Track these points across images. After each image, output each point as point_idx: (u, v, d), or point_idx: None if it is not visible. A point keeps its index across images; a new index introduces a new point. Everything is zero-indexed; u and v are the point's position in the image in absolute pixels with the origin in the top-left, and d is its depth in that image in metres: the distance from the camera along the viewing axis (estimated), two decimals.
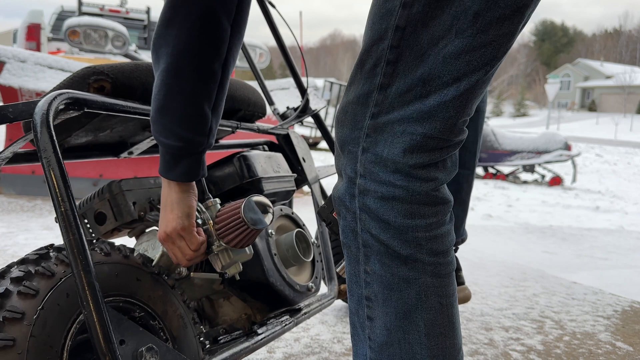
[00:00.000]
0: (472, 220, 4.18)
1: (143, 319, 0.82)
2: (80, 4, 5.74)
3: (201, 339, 0.90)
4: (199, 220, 0.90)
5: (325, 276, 1.32)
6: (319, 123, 1.56)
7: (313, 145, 10.45)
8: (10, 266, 0.72)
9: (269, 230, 1.09)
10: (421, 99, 0.64)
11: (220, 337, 1.05)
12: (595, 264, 2.85)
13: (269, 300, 1.07)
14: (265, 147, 1.41)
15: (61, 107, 0.74)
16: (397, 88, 0.65)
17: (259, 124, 1.25)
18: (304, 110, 1.41)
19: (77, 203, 1.02)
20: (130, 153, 1.09)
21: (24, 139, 0.85)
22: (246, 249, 0.92)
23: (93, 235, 1.00)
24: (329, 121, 10.71)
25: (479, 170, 7.95)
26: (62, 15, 6.01)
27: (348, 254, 0.72)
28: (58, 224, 0.67)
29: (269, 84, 4.28)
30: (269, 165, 1.20)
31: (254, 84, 1.92)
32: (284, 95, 4.06)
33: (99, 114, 0.87)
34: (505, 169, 8.15)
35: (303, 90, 1.42)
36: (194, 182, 0.85)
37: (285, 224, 1.19)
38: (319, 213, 1.08)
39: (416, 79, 0.64)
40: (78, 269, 0.65)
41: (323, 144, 11.05)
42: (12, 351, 0.64)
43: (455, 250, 1.71)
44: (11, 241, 2.47)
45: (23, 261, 0.72)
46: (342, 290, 1.41)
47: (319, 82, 11.10)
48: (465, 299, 1.64)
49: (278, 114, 1.44)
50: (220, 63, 0.78)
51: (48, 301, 0.69)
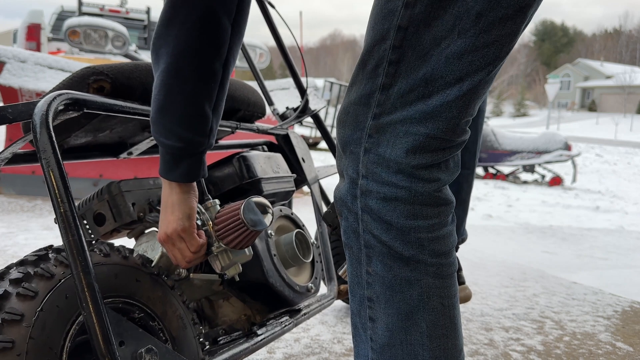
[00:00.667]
0: (472, 220, 4.17)
1: (142, 320, 0.82)
2: (80, 4, 5.74)
3: (201, 340, 0.90)
4: (199, 222, 0.89)
5: (324, 277, 1.32)
6: (319, 123, 1.56)
7: (313, 145, 10.45)
8: (9, 267, 0.72)
9: (269, 231, 1.09)
10: (424, 99, 0.64)
11: (220, 338, 1.05)
12: (595, 264, 2.85)
13: (269, 301, 1.07)
14: (265, 148, 1.41)
15: (60, 108, 0.73)
16: (400, 88, 0.65)
17: (258, 124, 1.25)
18: (304, 110, 1.41)
19: (77, 204, 1.02)
20: (130, 153, 1.09)
21: (23, 140, 0.85)
22: (246, 250, 0.92)
23: (92, 236, 1.00)
24: (329, 121, 10.70)
25: (479, 170, 7.95)
26: (62, 15, 6.01)
27: (350, 254, 0.72)
28: (57, 225, 0.67)
29: (269, 84, 4.28)
30: (268, 165, 1.20)
31: (254, 84, 1.91)
32: (284, 95, 4.06)
33: (98, 115, 0.87)
34: (505, 169, 8.15)
35: (303, 91, 1.42)
36: (194, 183, 0.85)
37: (284, 225, 1.19)
38: (324, 218, 1.08)
39: (418, 79, 0.63)
40: (77, 270, 0.65)
41: (323, 144, 11.04)
42: (11, 353, 0.64)
43: (456, 250, 1.71)
44: (11, 241, 2.47)
45: (22, 262, 0.72)
46: (342, 291, 1.41)
47: (319, 82, 11.10)
48: (466, 298, 1.64)
49: (277, 114, 1.44)
50: (220, 63, 0.78)
51: (47, 303, 0.69)
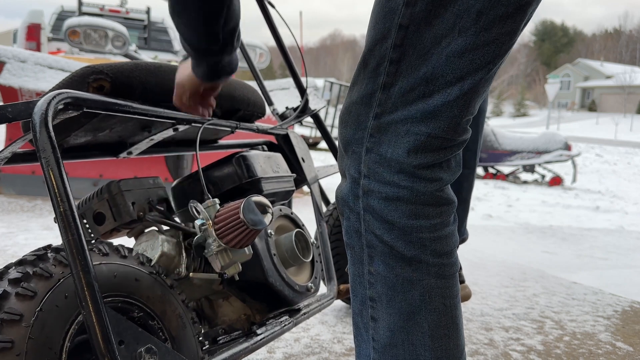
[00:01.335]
0: (472, 220, 4.17)
1: (142, 319, 0.82)
2: (80, 4, 5.74)
3: (200, 339, 0.90)
4: (198, 221, 0.90)
5: (324, 276, 1.32)
6: (319, 123, 1.56)
7: (313, 145, 10.45)
8: (8, 267, 0.72)
9: (269, 231, 1.09)
10: (425, 99, 0.64)
11: (220, 338, 1.05)
12: (595, 264, 2.85)
13: (269, 301, 1.07)
14: (265, 147, 1.41)
15: (60, 107, 0.73)
16: (401, 87, 0.65)
17: (258, 124, 1.25)
18: (304, 110, 1.41)
19: (76, 203, 1.02)
20: (130, 153, 1.09)
21: (22, 139, 0.85)
22: (245, 249, 0.92)
23: (92, 235, 1.00)
24: (329, 121, 10.70)
25: (479, 170, 7.95)
26: (62, 15, 6.01)
27: (352, 254, 0.72)
28: (57, 224, 0.67)
29: (269, 84, 4.28)
30: (268, 165, 1.20)
31: (254, 84, 1.92)
32: (284, 95, 4.06)
33: (98, 114, 0.87)
34: (505, 169, 8.15)
35: (302, 90, 1.42)
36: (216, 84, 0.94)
37: (284, 224, 1.19)
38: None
39: (419, 78, 0.63)
40: (77, 269, 0.65)
41: (323, 144, 11.05)
42: (11, 353, 0.64)
43: None
44: (11, 241, 2.47)
45: (21, 262, 0.72)
46: (342, 291, 1.41)
47: (319, 82, 11.10)
48: (466, 297, 1.64)
49: (277, 114, 1.44)
50: None
51: (46, 302, 0.69)
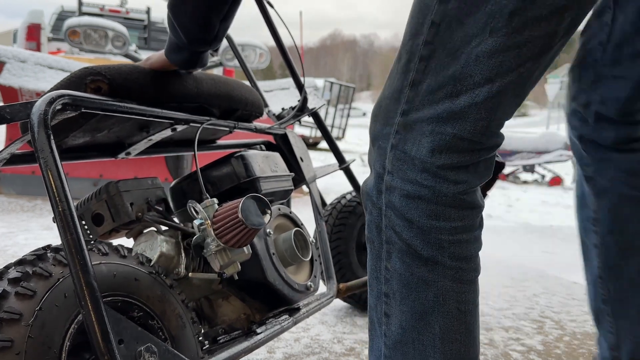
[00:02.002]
0: None
1: (142, 318, 0.82)
2: (80, 4, 5.74)
3: (200, 339, 0.90)
4: (197, 221, 0.90)
5: (324, 275, 1.32)
6: (318, 122, 1.56)
7: (313, 145, 10.46)
8: (7, 267, 0.72)
9: (267, 230, 1.09)
10: (451, 98, 0.63)
11: (220, 337, 1.05)
12: None
13: (268, 300, 1.07)
14: (263, 147, 1.41)
15: (58, 108, 0.74)
16: (429, 85, 0.64)
17: (256, 123, 1.25)
18: (302, 109, 1.41)
19: (75, 204, 1.02)
20: (128, 154, 1.09)
21: (21, 140, 0.85)
22: (244, 248, 0.92)
23: (91, 236, 1.00)
24: (329, 121, 10.70)
25: None
26: (62, 16, 6.02)
27: (371, 249, 0.72)
28: (56, 224, 0.67)
29: (269, 84, 4.28)
30: (266, 164, 1.20)
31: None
32: (284, 95, 4.06)
33: (96, 115, 0.87)
34: (505, 169, 8.16)
35: (301, 89, 1.42)
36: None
37: (283, 224, 1.19)
38: None
39: (447, 76, 0.63)
40: (76, 268, 0.65)
41: (323, 144, 11.04)
42: (10, 352, 0.64)
43: None
44: (11, 241, 2.47)
45: (20, 262, 0.72)
46: (341, 290, 1.41)
47: (319, 82, 11.10)
48: None
49: (274, 115, 1.45)
50: None
51: (46, 302, 0.69)
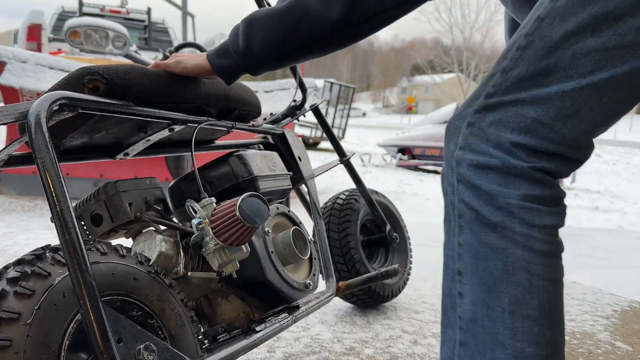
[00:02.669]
0: None
1: (141, 317, 0.83)
2: (81, 4, 5.75)
3: (200, 337, 0.91)
4: (195, 220, 0.90)
5: (323, 274, 1.33)
6: (320, 117, 1.57)
7: (313, 145, 10.46)
8: (6, 267, 0.73)
9: (266, 229, 1.09)
10: (540, 87, 0.65)
11: (220, 336, 1.05)
12: (595, 264, 2.85)
13: (267, 298, 1.08)
14: (261, 147, 1.41)
15: (55, 108, 0.74)
16: (519, 73, 0.67)
17: (254, 123, 1.25)
18: (301, 106, 1.43)
19: (74, 205, 1.02)
20: (126, 154, 1.09)
21: (19, 141, 0.86)
22: (243, 247, 0.92)
23: (90, 236, 1.00)
24: (329, 121, 10.70)
25: None
26: (63, 16, 6.02)
27: (447, 229, 0.73)
28: (54, 224, 0.68)
29: (269, 84, 4.28)
30: (264, 164, 1.21)
31: (252, 85, 1.93)
32: (284, 95, 4.06)
33: (93, 115, 0.87)
34: None
35: (303, 86, 1.44)
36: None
37: (281, 222, 1.19)
38: None
39: (540, 68, 0.65)
40: (74, 267, 0.66)
41: (323, 144, 11.05)
42: (9, 351, 0.64)
43: None
44: (12, 241, 2.48)
45: (19, 262, 0.73)
46: (340, 288, 1.41)
47: (319, 83, 11.11)
48: None
49: (270, 115, 1.47)
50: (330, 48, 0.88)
51: (45, 301, 0.69)
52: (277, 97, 4.01)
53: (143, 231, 1.03)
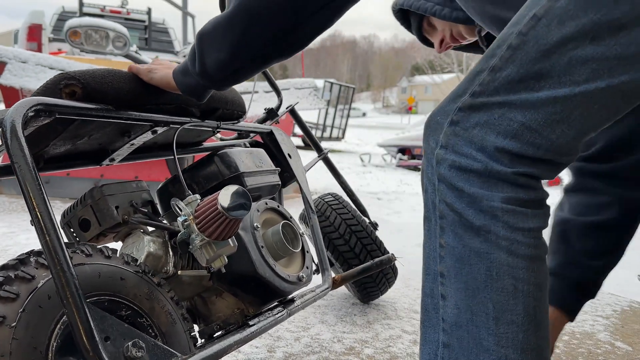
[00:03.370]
0: None
1: (130, 317, 0.83)
2: (81, 4, 5.76)
3: (192, 334, 0.91)
4: (181, 218, 0.89)
5: (318, 267, 1.32)
6: (296, 117, 1.64)
7: (309, 145, 10.44)
8: None
9: (255, 224, 1.09)
10: (530, 92, 0.62)
11: (215, 334, 1.05)
12: None
13: (260, 293, 1.07)
14: (247, 144, 1.41)
15: (31, 114, 0.74)
16: (509, 75, 0.63)
17: (243, 123, 1.24)
18: (278, 108, 1.47)
19: (64, 210, 1.02)
20: (112, 160, 1.08)
21: (1, 151, 0.85)
22: (229, 241, 0.92)
23: (78, 241, 1.00)
24: (329, 121, 10.69)
25: None
26: (63, 16, 6.03)
27: (427, 228, 0.70)
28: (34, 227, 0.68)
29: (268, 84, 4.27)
30: (250, 160, 1.21)
31: (250, 85, 1.95)
32: (284, 95, 4.05)
33: (73, 121, 0.87)
34: None
35: (277, 90, 1.50)
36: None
37: (271, 217, 1.19)
38: None
39: (532, 72, 0.62)
40: (56, 268, 0.66)
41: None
42: None
43: None
44: (12, 241, 2.48)
45: (3, 267, 0.73)
46: (336, 280, 1.40)
47: (319, 83, 11.10)
48: None
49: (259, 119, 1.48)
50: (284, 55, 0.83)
51: (29, 304, 0.70)
52: (273, 99, 4.00)
53: (131, 233, 1.02)
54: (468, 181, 0.64)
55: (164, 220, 1.09)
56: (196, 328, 1.07)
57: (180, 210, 0.91)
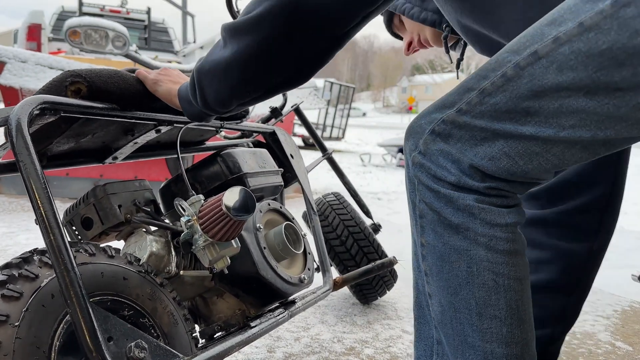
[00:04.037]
0: None
1: (132, 317, 0.83)
2: (80, 4, 5.76)
3: (194, 335, 0.91)
4: (184, 218, 0.89)
5: (320, 268, 1.32)
6: (301, 116, 1.63)
7: (313, 145, 10.44)
8: None
9: (257, 225, 1.09)
10: (515, 124, 0.63)
11: (216, 334, 1.05)
12: None
13: (262, 294, 1.07)
14: (250, 144, 1.41)
15: (36, 113, 0.74)
16: (497, 103, 0.64)
17: (245, 123, 1.24)
18: (282, 107, 1.47)
19: (66, 209, 1.02)
20: (115, 158, 1.08)
21: (3, 148, 0.85)
22: (232, 242, 0.92)
23: (81, 239, 1.00)
24: (329, 121, 10.69)
25: None
26: (63, 16, 6.03)
27: (411, 227, 0.73)
28: (38, 226, 0.67)
29: None
30: (254, 161, 1.21)
31: None
32: (281, 95, 4.05)
33: (77, 119, 0.87)
34: None
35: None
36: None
37: (274, 218, 1.19)
38: None
39: (521, 107, 0.63)
40: (60, 268, 0.66)
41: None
42: None
43: None
44: (12, 241, 2.48)
45: (7, 265, 0.73)
46: (338, 282, 1.40)
47: (319, 83, 11.10)
48: None
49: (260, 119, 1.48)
50: (267, 84, 0.80)
51: (33, 303, 0.70)
52: (277, 97, 4.00)
53: (134, 233, 1.02)
54: (443, 187, 0.66)
55: (166, 220, 1.09)
56: (197, 328, 1.08)
57: (184, 211, 0.91)
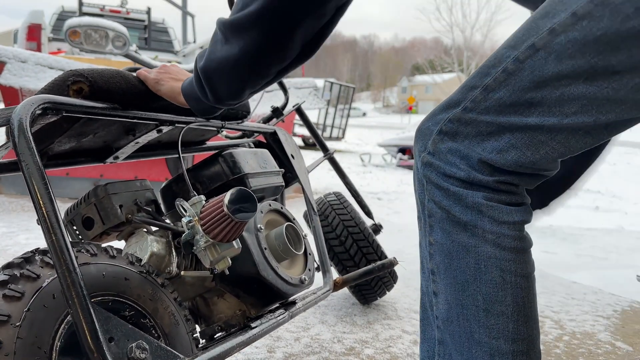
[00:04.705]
0: None
1: (133, 317, 0.83)
2: (80, 4, 5.76)
3: (195, 336, 0.90)
4: (185, 219, 0.89)
5: (320, 269, 1.32)
6: (303, 116, 1.63)
7: (313, 145, 10.44)
8: None
9: (258, 225, 1.09)
10: (520, 116, 0.65)
11: (217, 335, 1.05)
12: (595, 264, 2.84)
13: (262, 295, 1.07)
14: (251, 145, 1.41)
15: (39, 112, 0.74)
16: (501, 98, 0.66)
17: (246, 123, 1.24)
18: (284, 107, 1.48)
19: (67, 208, 1.02)
20: (116, 158, 1.08)
21: (5, 147, 0.85)
22: (234, 243, 0.92)
23: (82, 239, 1.00)
24: (329, 121, 10.69)
25: None
26: (63, 16, 6.03)
27: (420, 227, 0.74)
28: (40, 226, 0.67)
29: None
30: (255, 161, 1.21)
31: None
32: (283, 95, 4.05)
33: (79, 119, 0.87)
34: None
35: (284, 89, 1.50)
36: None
37: (274, 219, 1.19)
38: None
39: (524, 99, 0.64)
40: (62, 268, 0.66)
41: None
42: (0, 353, 0.64)
43: None
44: (12, 241, 2.48)
45: (8, 265, 0.73)
46: (338, 282, 1.40)
47: (319, 83, 11.10)
48: None
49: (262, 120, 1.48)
50: (278, 68, 0.84)
51: (34, 303, 0.69)
52: (278, 97, 4.00)
53: (135, 233, 1.02)
54: (453, 184, 0.68)
55: (167, 220, 1.09)
56: (197, 329, 1.08)
57: (185, 211, 0.91)
